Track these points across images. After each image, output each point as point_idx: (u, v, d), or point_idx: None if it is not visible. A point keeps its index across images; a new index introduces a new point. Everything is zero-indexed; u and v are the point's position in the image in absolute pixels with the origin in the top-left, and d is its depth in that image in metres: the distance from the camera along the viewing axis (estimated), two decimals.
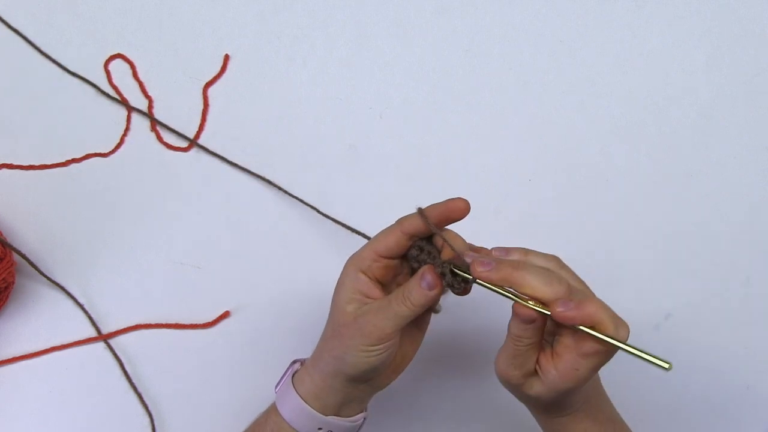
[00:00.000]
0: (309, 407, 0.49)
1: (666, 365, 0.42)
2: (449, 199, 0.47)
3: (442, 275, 0.46)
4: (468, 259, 0.45)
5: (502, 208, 0.69)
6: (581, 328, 0.43)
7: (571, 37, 0.70)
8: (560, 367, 0.45)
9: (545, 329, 0.46)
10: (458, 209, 0.47)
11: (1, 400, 0.65)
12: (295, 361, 0.54)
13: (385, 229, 0.49)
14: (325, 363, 0.49)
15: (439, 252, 0.48)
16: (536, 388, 0.46)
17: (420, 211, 0.47)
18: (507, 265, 0.44)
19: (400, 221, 0.48)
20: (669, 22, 0.71)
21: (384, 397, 0.53)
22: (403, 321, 0.47)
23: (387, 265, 0.49)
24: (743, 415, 0.69)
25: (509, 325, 0.46)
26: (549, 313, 0.43)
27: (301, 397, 0.50)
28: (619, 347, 0.43)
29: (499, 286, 0.44)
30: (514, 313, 0.45)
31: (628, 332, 0.44)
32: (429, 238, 0.49)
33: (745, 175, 0.70)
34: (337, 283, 0.49)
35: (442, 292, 0.47)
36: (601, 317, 0.43)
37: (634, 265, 0.69)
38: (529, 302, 0.43)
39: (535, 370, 0.46)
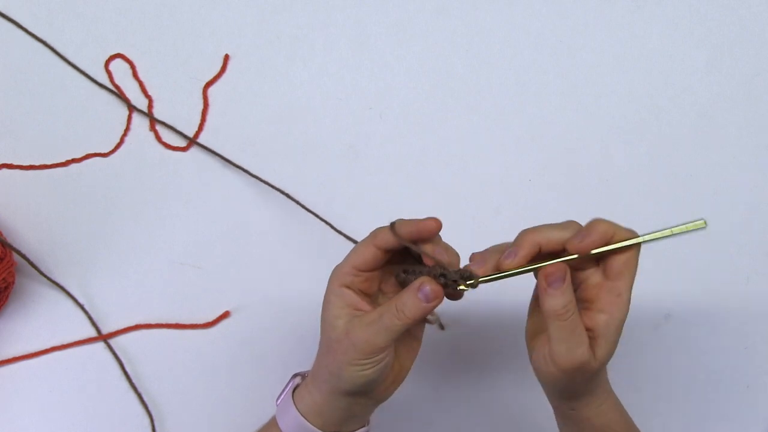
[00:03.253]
0: (309, 424, 0.49)
1: (701, 223, 0.45)
2: (422, 219, 0.46)
3: (445, 285, 0.45)
4: (475, 266, 0.46)
5: (502, 208, 0.69)
6: (600, 250, 0.44)
7: (571, 37, 0.70)
8: (603, 305, 0.45)
9: None
10: (428, 229, 0.46)
11: (1, 400, 0.65)
12: (296, 375, 0.53)
13: (361, 242, 0.48)
14: (322, 380, 0.49)
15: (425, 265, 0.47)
16: (599, 351, 0.45)
17: (392, 226, 0.46)
18: (526, 235, 0.46)
19: (373, 234, 0.47)
20: (669, 22, 0.71)
21: (386, 410, 0.53)
22: (396, 334, 0.46)
23: (368, 278, 0.48)
24: (743, 415, 0.69)
25: (547, 312, 0.45)
26: (576, 255, 0.44)
27: (302, 414, 0.49)
28: (642, 241, 0.45)
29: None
30: (548, 280, 0.44)
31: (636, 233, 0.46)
32: (416, 255, 0.48)
33: (745, 175, 0.70)
34: (324, 300, 0.49)
35: (440, 302, 0.46)
36: (614, 229, 0.45)
37: None
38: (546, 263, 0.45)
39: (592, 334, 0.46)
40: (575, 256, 0.45)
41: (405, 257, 0.49)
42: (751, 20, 0.71)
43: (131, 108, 0.68)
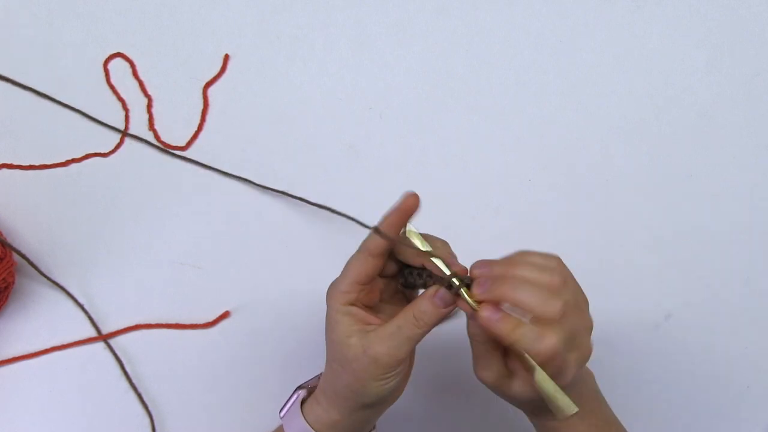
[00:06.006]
0: None
1: (573, 410, 0.42)
2: (399, 201, 0.47)
3: (453, 290, 0.46)
4: (476, 271, 0.45)
5: (502, 208, 0.69)
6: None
7: (571, 37, 0.70)
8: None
9: None
10: (410, 206, 0.46)
11: (1, 400, 0.65)
12: (299, 387, 0.53)
13: (354, 256, 0.48)
14: (341, 397, 0.48)
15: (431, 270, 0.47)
16: (515, 387, 0.46)
17: (376, 229, 0.46)
18: (502, 283, 0.43)
19: (365, 245, 0.47)
20: (669, 22, 0.71)
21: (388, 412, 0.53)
22: (416, 342, 0.47)
23: (370, 289, 0.48)
24: (743, 415, 0.69)
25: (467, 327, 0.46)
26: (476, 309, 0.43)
27: (314, 429, 0.49)
28: (536, 370, 0.42)
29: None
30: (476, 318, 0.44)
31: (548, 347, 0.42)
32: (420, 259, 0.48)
33: (745, 175, 0.70)
34: (328, 321, 0.48)
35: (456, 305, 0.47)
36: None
37: (634, 265, 0.69)
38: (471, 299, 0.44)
39: (511, 372, 0.47)
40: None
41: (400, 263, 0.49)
42: (751, 20, 0.71)
43: (127, 109, 0.68)
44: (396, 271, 0.49)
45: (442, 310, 0.46)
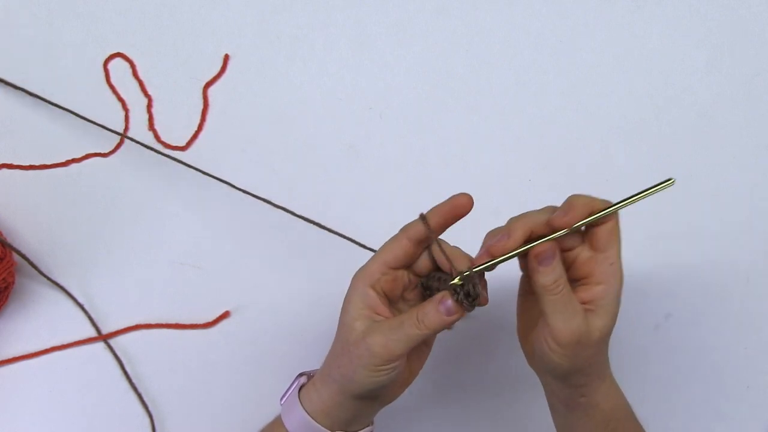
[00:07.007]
0: (316, 423, 0.49)
1: (670, 182, 0.46)
2: (452, 197, 0.47)
3: (460, 301, 0.46)
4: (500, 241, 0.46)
5: (502, 208, 0.68)
6: (585, 221, 0.45)
7: (571, 37, 0.70)
8: (599, 277, 0.45)
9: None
10: (462, 205, 0.47)
11: (1, 400, 0.65)
12: (301, 374, 0.53)
13: (391, 239, 0.48)
14: (333, 380, 0.49)
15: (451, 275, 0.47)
16: (598, 321, 0.45)
17: (422, 216, 0.47)
18: (516, 221, 0.46)
19: (405, 229, 0.48)
20: (669, 22, 0.71)
21: (389, 409, 0.53)
22: (414, 343, 0.46)
23: (395, 278, 0.48)
24: (743, 415, 0.69)
25: (539, 289, 0.45)
26: (563, 231, 0.45)
27: (308, 413, 0.49)
28: (621, 207, 0.46)
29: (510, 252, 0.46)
30: (539, 259, 0.45)
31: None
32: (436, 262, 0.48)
33: (745, 175, 0.70)
34: (345, 299, 0.48)
35: (462, 317, 0.47)
36: (592, 201, 0.46)
37: (634, 265, 0.69)
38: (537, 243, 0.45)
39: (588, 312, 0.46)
40: (562, 232, 0.45)
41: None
42: (751, 20, 0.71)
43: (127, 109, 0.68)
44: (427, 273, 0.49)
45: (444, 317, 0.46)
